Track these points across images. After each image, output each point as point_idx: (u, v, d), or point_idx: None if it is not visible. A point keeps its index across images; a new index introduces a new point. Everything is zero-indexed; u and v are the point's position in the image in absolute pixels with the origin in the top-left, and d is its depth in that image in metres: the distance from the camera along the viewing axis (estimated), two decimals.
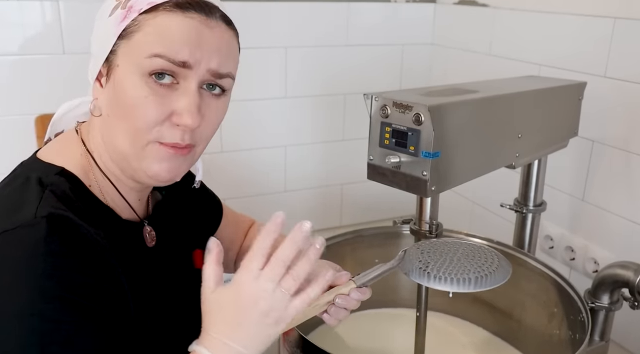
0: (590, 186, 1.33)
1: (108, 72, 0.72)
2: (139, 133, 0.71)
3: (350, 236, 1.26)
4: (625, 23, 1.21)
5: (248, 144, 1.66)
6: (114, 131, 0.73)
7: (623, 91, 1.23)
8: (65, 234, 0.65)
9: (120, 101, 0.71)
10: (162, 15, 0.70)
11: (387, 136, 0.87)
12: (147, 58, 0.69)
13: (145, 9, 0.70)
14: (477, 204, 1.70)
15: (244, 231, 1.10)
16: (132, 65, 0.70)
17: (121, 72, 0.71)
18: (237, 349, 0.66)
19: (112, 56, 0.72)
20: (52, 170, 0.73)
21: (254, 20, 1.56)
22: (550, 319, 1.14)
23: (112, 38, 0.71)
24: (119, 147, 0.73)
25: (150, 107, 0.70)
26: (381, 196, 1.67)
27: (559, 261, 1.41)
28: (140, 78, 0.70)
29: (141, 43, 0.70)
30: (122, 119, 0.72)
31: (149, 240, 0.82)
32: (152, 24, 0.70)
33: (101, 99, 0.74)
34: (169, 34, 0.70)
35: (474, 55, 1.66)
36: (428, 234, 0.98)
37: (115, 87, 0.72)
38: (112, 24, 0.71)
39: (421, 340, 1.03)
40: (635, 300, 1.05)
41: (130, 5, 0.71)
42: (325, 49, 1.69)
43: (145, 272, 0.79)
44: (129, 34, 0.71)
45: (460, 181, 0.93)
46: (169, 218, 0.88)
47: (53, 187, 0.70)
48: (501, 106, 1.00)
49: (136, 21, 0.70)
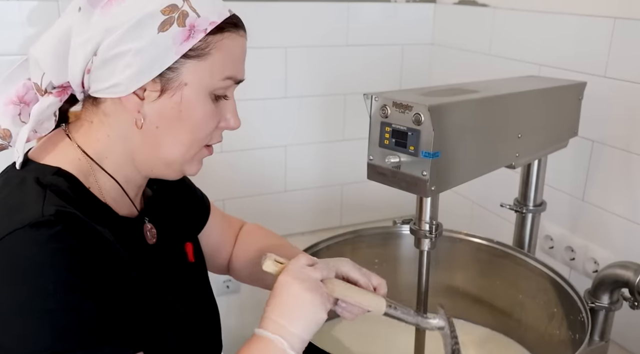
0: (590, 186, 1.33)
1: (163, 87, 0.73)
2: (196, 143, 0.78)
3: (350, 236, 1.26)
4: (625, 23, 1.21)
5: (248, 144, 1.66)
6: (164, 142, 0.76)
7: (623, 91, 1.23)
8: (76, 230, 0.66)
9: (184, 117, 0.75)
10: (228, 38, 0.75)
11: (387, 136, 0.87)
12: (222, 80, 0.76)
13: (210, 29, 0.73)
14: (477, 204, 1.70)
15: (235, 231, 1.10)
16: (204, 85, 0.75)
17: (190, 91, 0.74)
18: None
19: (170, 73, 0.73)
20: (49, 170, 0.73)
21: (254, 20, 1.55)
22: (550, 319, 1.14)
23: (172, 55, 0.72)
24: (167, 156, 0.77)
25: (213, 121, 0.78)
26: (381, 196, 1.67)
27: (559, 261, 1.41)
28: (208, 96, 0.76)
29: (217, 65, 0.75)
30: (180, 132, 0.76)
31: (149, 237, 0.84)
32: (223, 46, 0.75)
33: (147, 112, 0.74)
34: (237, 57, 0.78)
35: (474, 55, 1.66)
36: (428, 234, 0.98)
37: (180, 103, 0.74)
38: (170, 41, 0.71)
39: (421, 340, 1.03)
40: (635, 300, 1.05)
41: (191, 24, 0.72)
42: (325, 49, 1.69)
43: (147, 269, 0.80)
44: (201, 55, 0.73)
45: (460, 181, 0.93)
46: (162, 213, 0.89)
47: (53, 187, 0.70)
48: (501, 105, 1.00)
49: (206, 42, 0.73)
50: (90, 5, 0.71)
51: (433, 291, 1.07)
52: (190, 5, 0.72)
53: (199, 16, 0.73)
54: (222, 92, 0.78)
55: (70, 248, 0.65)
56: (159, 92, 0.74)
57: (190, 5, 0.72)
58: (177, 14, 0.71)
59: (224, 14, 0.75)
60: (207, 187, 1.07)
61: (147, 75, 0.72)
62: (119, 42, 0.71)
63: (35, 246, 0.64)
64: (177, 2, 0.72)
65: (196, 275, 0.94)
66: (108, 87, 0.73)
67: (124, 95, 0.73)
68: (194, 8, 0.72)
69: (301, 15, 1.63)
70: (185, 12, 0.72)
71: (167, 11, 0.71)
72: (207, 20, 0.73)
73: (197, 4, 0.73)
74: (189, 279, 0.91)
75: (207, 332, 0.92)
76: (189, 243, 0.94)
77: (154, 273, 0.81)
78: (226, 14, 0.76)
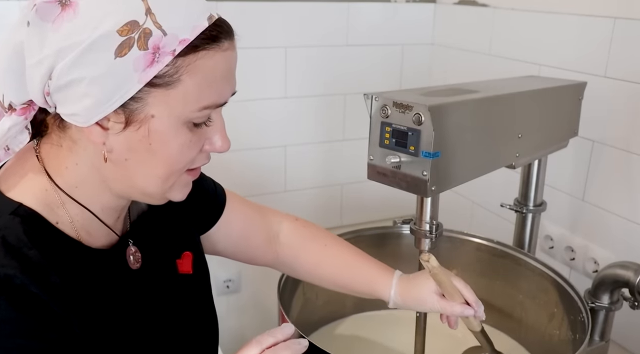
0: (590, 186, 1.33)
1: (128, 119, 0.63)
2: (174, 174, 0.69)
3: (350, 236, 1.26)
4: (625, 23, 1.21)
5: (248, 144, 1.66)
6: (136, 174, 0.68)
7: (623, 91, 1.22)
8: (13, 298, 0.60)
9: (155, 150, 0.65)
10: (204, 57, 0.63)
11: (387, 136, 0.87)
12: (198, 110, 0.65)
13: (180, 50, 0.62)
14: (477, 204, 1.70)
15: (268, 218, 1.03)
16: (175, 116, 0.64)
17: (159, 123, 0.64)
18: None
19: (134, 104, 0.63)
20: (7, 207, 0.66)
21: (254, 20, 1.56)
22: (550, 319, 1.14)
23: (134, 84, 0.61)
24: (143, 188, 0.69)
25: (192, 150, 0.68)
26: (381, 196, 1.67)
27: (559, 261, 1.41)
28: (183, 126, 0.66)
29: (191, 93, 0.64)
30: (152, 166, 0.67)
31: (132, 262, 0.77)
32: (196, 69, 0.63)
33: (113, 144, 0.65)
34: (216, 79, 0.66)
35: (474, 55, 1.66)
36: (428, 234, 0.98)
37: (148, 137, 0.64)
38: (130, 68, 0.61)
39: (421, 340, 1.03)
40: (635, 300, 1.05)
41: (155, 46, 0.61)
42: (325, 49, 1.69)
43: (128, 297, 0.75)
44: (169, 82, 0.63)
45: (460, 181, 0.93)
46: (153, 228, 0.82)
47: (5, 233, 0.63)
48: (501, 105, 1.00)
49: (175, 67, 0.62)
50: (40, 19, 0.61)
51: None
52: (154, 21, 0.60)
53: (165, 34, 0.61)
54: (201, 120, 0.67)
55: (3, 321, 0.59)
56: (123, 124, 0.64)
57: (155, 21, 0.60)
58: (137, 33, 0.60)
59: (200, 26, 0.63)
60: None
61: (106, 106, 0.62)
62: (72, 67, 0.60)
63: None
64: (137, 17, 0.60)
65: (194, 287, 0.87)
66: (68, 114, 0.64)
67: (84, 126, 0.63)
68: (159, 24, 0.60)
69: (301, 15, 1.63)
70: (148, 30, 0.60)
71: (125, 31, 0.59)
72: (176, 38, 0.61)
73: (163, 17, 0.61)
74: (184, 294, 0.85)
75: (203, 345, 0.87)
76: (189, 253, 0.86)
77: (137, 300, 0.76)
78: (203, 24, 0.63)
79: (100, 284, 0.70)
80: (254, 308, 1.84)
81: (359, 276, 1.00)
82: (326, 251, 1.02)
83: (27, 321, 0.60)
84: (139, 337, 0.74)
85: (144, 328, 0.76)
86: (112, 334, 0.70)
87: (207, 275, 0.91)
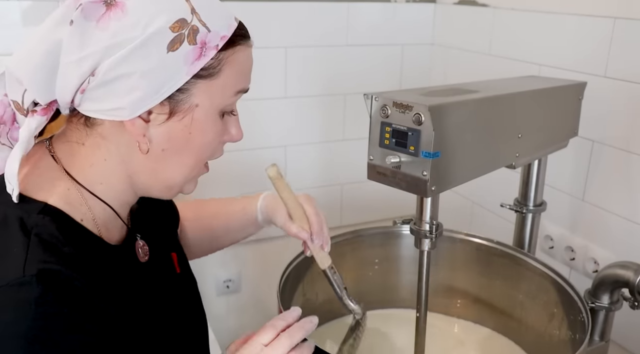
0: (590, 186, 1.33)
1: (173, 110, 0.68)
2: (200, 163, 0.75)
3: (350, 236, 1.26)
4: (625, 23, 1.21)
5: (248, 144, 1.66)
6: (168, 165, 0.72)
7: (623, 91, 1.22)
8: (59, 292, 0.61)
9: (193, 138, 0.71)
10: (239, 51, 0.71)
11: (387, 136, 0.87)
12: (233, 96, 0.73)
13: (222, 44, 0.69)
14: (477, 204, 1.70)
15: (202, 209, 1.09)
16: (216, 104, 0.71)
17: (202, 112, 0.70)
18: None
19: (180, 95, 0.68)
20: (34, 207, 0.67)
21: (254, 20, 1.55)
22: (550, 319, 1.14)
23: (182, 76, 0.67)
24: (169, 179, 0.74)
25: (220, 138, 0.75)
26: (381, 196, 1.67)
27: (559, 261, 1.41)
28: (218, 114, 0.72)
29: (229, 82, 0.71)
30: (186, 154, 0.72)
31: (142, 255, 0.80)
32: (234, 61, 0.71)
33: (152, 135, 0.69)
34: (247, 69, 0.75)
35: (474, 55, 1.66)
36: (428, 234, 0.98)
37: (190, 126, 0.70)
38: (180, 61, 0.66)
39: (421, 340, 1.03)
40: (635, 300, 1.05)
41: (202, 41, 0.67)
42: (325, 49, 1.69)
43: (140, 289, 0.77)
44: (213, 73, 0.69)
45: (460, 181, 0.93)
46: (148, 225, 0.85)
47: (38, 230, 0.64)
48: (501, 105, 1.00)
49: (218, 60, 0.69)
50: (85, 19, 0.64)
51: (433, 291, 1.07)
52: (199, 19, 0.66)
53: (210, 31, 0.67)
54: (230, 108, 0.74)
55: (48, 315, 0.60)
56: (167, 115, 0.68)
57: (200, 19, 0.66)
58: (187, 30, 0.65)
59: (233, 25, 0.70)
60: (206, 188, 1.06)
61: (154, 98, 0.66)
62: (122, 62, 0.64)
63: (9, 311, 0.59)
64: (185, 15, 0.66)
65: (184, 286, 0.91)
66: (108, 110, 0.67)
67: (127, 119, 0.67)
68: (204, 22, 0.67)
69: (301, 15, 1.63)
70: (196, 27, 0.66)
71: (177, 27, 0.65)
72: (218, 34, 0.68)
73: (206, 16, 0.67)
74: (178, 291, 0.88)
75: (196, 343, 0.89)
76: (174, 253, 0.90)
77: (147, 292, 0.78)
78: (234, 24, 0.71)
79: (119, 278, 0.72)
80: (254, 308, 1.84)
81: (233, 206, 1.06)
82: (200, 204, 1.10)
83: (74, 315, 0.62)
84: (149, 328, 0.76)
85: (152, 319, 0.78)
86: (131, 327, 0.72)
87: (192, 274, 0.95)
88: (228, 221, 1.06)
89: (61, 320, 0.61)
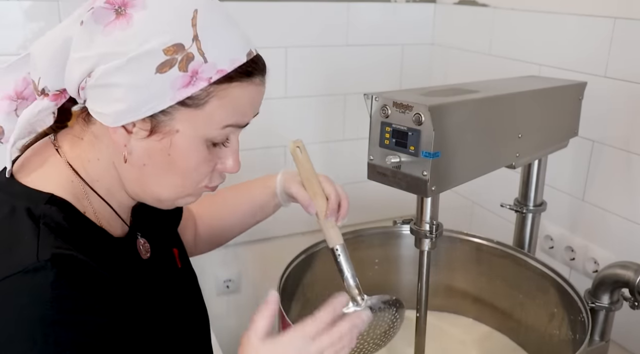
0: (590, 186, 1.33)
1: (153, 129, 0.68)
2: (190, 185, 0.74)
3: (350, 236, 1.25)
4: (625, 23, 1.21)
5: (248, 144, 1.65)
6: (152, 181, 0.72)
7: (623, 91, 1.22)
8: (73, 275, 0.63)
9: (173, 161, 0.70)
10: (236, 87, 0.69)
11: (387, 136, 0.87)
12: (219, 129, 0.70)
13: (216, 78, 0.67)
14: (477, 204, 1.70)
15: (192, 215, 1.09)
16: (198, 134, 0.69)
17: (182, 138, 0.69)
18: None
19: (162, 117, 0.67)
20: (40, 198, 0.68)
21: (254, 20, 1.56)
22: (550, 319, 1.14)
23: (166, 100, 0.66)
24: (156, 194, 0.74)
25: (207, 166, 0.73)
26: (381, 196, 1.66)
27: (559, 261, 1.41)
28: (203, 143, 0.70)
29: (215, 115, 0.69)
30: (169, 175, 0.71)
31: (143, 252, 0.82)
32: (226, 96, 0.68)
33: (134, 147, 0.69)
34: (242, 105, 0.71)
35: (474, 55, 1.66)
36: (428, 234, 0.98)
37: (169, 148, 0.69)
38: (167, 85, 0.65)
39: (421, 340, 1.03)
40: (635, 300, 1.05)
41: (194, 70, 0.65)
42: (325, 49, 1.69)
43: (142, 285, 0.78)
44: (198, 104, 0.67)
45: (460, 181, 0.93)
46: (149, 223, 0.86)
47: (46, 220, 0.66)
48: (501, 105, 1.00)
49: (207, 92, 0.67)
50: (94, 22, 0.65)
51: (433, 291, 1.07)
52: (198, 47, 0.65)
53: (206, 61, 0.66)
54: (220, 139, 0.72)
55: (64, 297, 0.61)
56: (148, 132, 0.68)
57: (199, 47, 0.65)
58: (181, 56, 0.65)
59: (238, 60, 0.68)
60: None
61: (136, 114, 0.66)
62: (113, 72, 0.65)
63: (25, 296, 0.61)
64: (184, 41, 0.65)
65: (186, 281, 0.92)
66: (97, 112, 0.68)
67: (111, 126, 0.68)
68: (203, 51, 0.65)
69: (301, 15, 1.63)
70: (191, 55, 0.65)
71: (170, 51, 0.64)
72: (215, 67, 0.66)
73: (208, 46, 0.66)
74: (180, 286, 0.89)
75: (198, 338, 0.90)
76: (175, 249, 0.92)
77: (150, 289, 0.79)
78: (241, 59, 0.69)
79: (123, 270, 0.73)
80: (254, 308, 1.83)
81: (253, 188, 1.08)
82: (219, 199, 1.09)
83: (89, 298, 0.63)
84: (152, 322, 0.77)
85: (155, 313, 0.78)
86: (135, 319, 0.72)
87: (193, 269, 0.96)
88: (252, 199, 1.08)
89: (76, 302, 0.62)
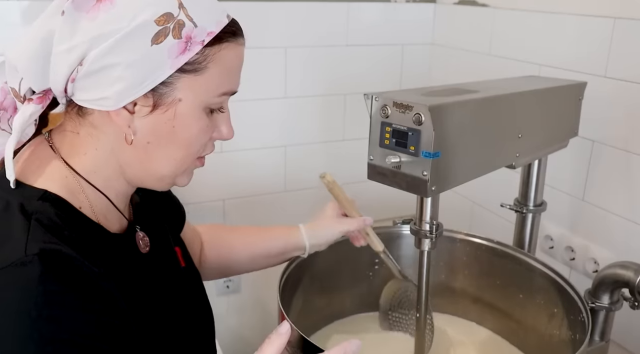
0: (590, 186, 1.33)
1: (156, 102, 0.69)
2: (189, 157, 0.75)
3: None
4: (625, 23, 1.21)
5: (248, 144, 1.66)
6: (155, 157, 0.73)
7: (623, 91, 1.22)
8: (61, 270, 0.62)
9: (177, 132, 0.71)
10: (226, 48, 0.71)
11: (388, 136, 0.87)
12: (218, 96, 0.72)
13: (208, 40, 0.69)
14: (477, 204, 1.70)
15: (199, 237, 1.10)
16: (199, 101, 0.71)
17: (185, 106, 0.70)
18: None
19: (164, 88, 0.69)
20: (34, 194, 0.69)
21: (254, 20, 1.56)
22: (550, 319, 1.14)
23: (166, 70, 0.67)
24: (158, 171, 0.75)
25: (207, 134, 0.75)
26: (381, 196, 1.67)
27: (559, 261, 1.41)
28: (203, 111, 0.72)
29: (214, 80, 0.71)
30: (172, 148, 0.73)
31: (142, 246, 0.81)
32: (220, 58, 0.70)
33: (137, 127, 0.70)
34: (234, 69, 0.74)
35: (474, 55, 1.66)
36: (428, 234, 0.98)
37: (173, 119, 0.70)
38: (164, 54, 0.67)
39: (421, 340, 1.03)
40: (635, 300, 1.05)
41: (187, 36, 0.67)
42: (325, 49, 1.69)
43: (142, 280, 0.78)
44: (198, 69, 0.69)
45: (460, 181, 0.93)
46: (150, 219, 0.86)
47: (39, 216, 0.66)
48: (501, 105, 1.00)
49: (204, 56, 0.69)
50: (75, 9, 0.65)
51: (433, 291, 1.07)
52: (186, 14, 0.67)
53: (196, 26, 0.68)
54: (217, 106, 0.74)
55: (51, 292, 0.61)
56: (150, 107, 0.69)
57: (187, 14, 0.67)
58: (173, 24, 0.66)
59: (222, 22, 0.71)
60: (207, 188, 1.07)
61: (138, 90, 0.67)
62: (107, 53, 0.65)
63: (11, 290, 0.61)
64: (172, 10, 0.67)
65: (189, 280, 0.92)
66: (95, 99, 0.68)
67: (112, 109, 0.68)
68: (191, 17, 0.67)
69: (301, 15, 1.63)
70: (182, 21, 0.67)
71: (162, 21, 0.66)
72: (205, 30, 0.68)
73: (194, 11, 0.68)
74: (184, 285, 0.89)
75: (202, 337, 0.90)
76: (177, 248, 0.91)
77: (149, 283, 0.79)
78: (224, 20, 0.71)
79: (120, 266, 0.73)
80: (254, 308, 1.84)
81: (271, 239, 1.12)
82: (235, 232, 1.15)
83: (76, 293, 0.63)
84: (152, 318, 0.76)
85: (156, 309, 0.78)
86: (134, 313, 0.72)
87: (196, 269, 0.96)
88: (266, 257, 1.13)
89: (63, 297, 0.62)
